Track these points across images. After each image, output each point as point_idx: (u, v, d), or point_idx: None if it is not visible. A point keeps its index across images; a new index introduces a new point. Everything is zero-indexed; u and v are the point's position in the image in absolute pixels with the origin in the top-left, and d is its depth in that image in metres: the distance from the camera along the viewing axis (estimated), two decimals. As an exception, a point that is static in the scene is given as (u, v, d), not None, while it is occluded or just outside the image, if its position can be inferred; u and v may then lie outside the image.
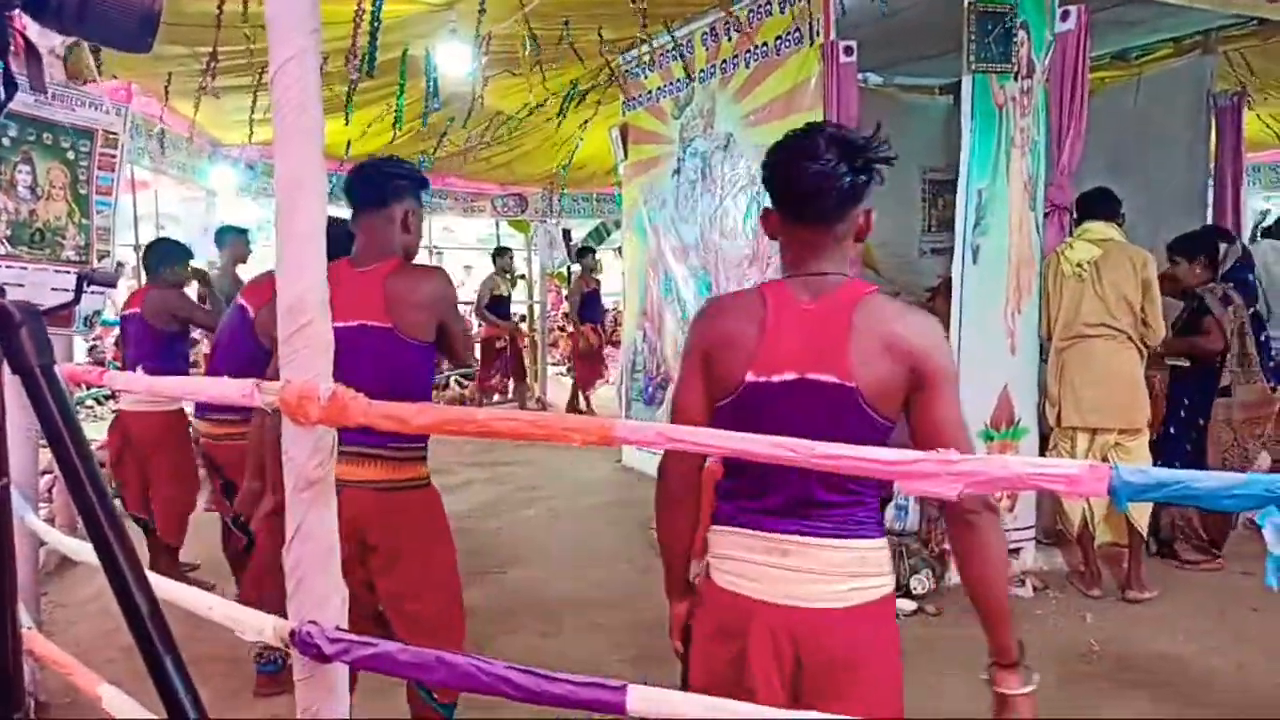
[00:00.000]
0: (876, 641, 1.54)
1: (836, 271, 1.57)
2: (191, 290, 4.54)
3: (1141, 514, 3.98)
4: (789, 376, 1.50)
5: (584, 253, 10.16)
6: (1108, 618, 3.78)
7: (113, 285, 2.37)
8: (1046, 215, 4.20)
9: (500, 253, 10.10)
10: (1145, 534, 4.05)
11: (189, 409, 3.78)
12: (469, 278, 17.01)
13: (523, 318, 10.78)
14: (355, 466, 2.23)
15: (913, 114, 6.41)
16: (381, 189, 2.36)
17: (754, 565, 1.55)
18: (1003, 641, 1.49)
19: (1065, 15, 4.12)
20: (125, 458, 3.94)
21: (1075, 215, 4.25)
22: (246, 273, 5.95)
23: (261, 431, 2.55)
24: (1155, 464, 4.00)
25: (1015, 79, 4.11)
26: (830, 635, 1.50)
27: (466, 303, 14.26)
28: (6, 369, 1.02)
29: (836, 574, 1.52)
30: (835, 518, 1.53)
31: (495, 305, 9.74)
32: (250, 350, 3.12)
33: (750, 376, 1.52)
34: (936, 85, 6.73)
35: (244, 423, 3.16)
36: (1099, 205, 4.12)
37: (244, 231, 5.59)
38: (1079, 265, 3.98)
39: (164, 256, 3.64)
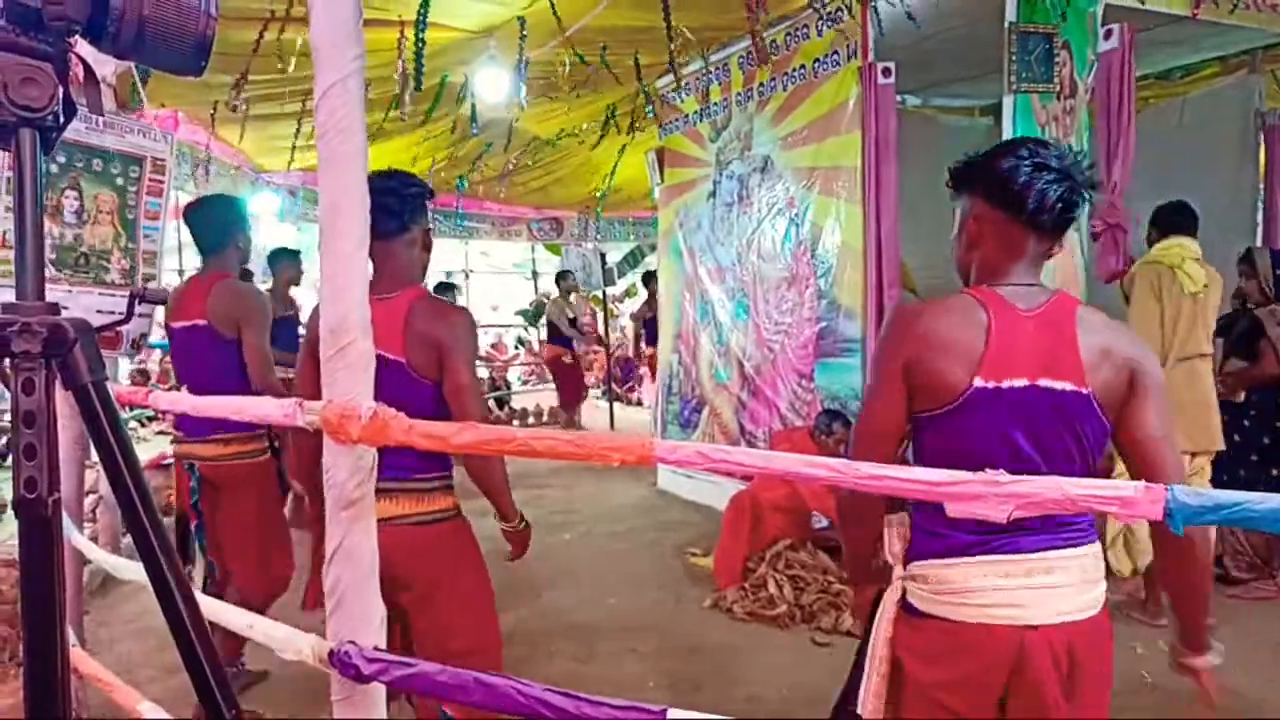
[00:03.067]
0: (1109, 628, 1.58)
1: (1040, 284, 1.59)
2: None
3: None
4: (1019, 383, 1.49)
5: (650, 277, 10.28)
6: (1160, 648, 3.66)
7: (164, 303, 2.38)
8: (1098, 234, 4.13)
9: (563, 275, 10.19)
10: (1213, 559, 3.95)
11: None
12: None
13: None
14: (383, 504, 2.09)
15: (952, 136, 6.36)
16: (399, 211, 2.18)
17: (1016, 591, 1.49)
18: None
19: (1108, 34, 4.08)
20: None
21: (1157, 227, 4.09)
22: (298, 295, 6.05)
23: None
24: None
25: (1058, 99, 4.07)
26: (1099, 641, 1.54)
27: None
28: (59, 385, 1.04)
29: (1090, 579, 1.53)
30: (1081, 523, 1.54)
31: (553, 329, 9.84)
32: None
33: (979, 382, 1.49)
34: (976, 107, 6.70)
35: (249, 440, 3.10)
36: (1185, 221, 4.02)
37: (296, 254, 5.67)
38: (1203, 288, 3.87)
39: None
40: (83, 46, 1.07)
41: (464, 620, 2.25)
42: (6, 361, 0.99)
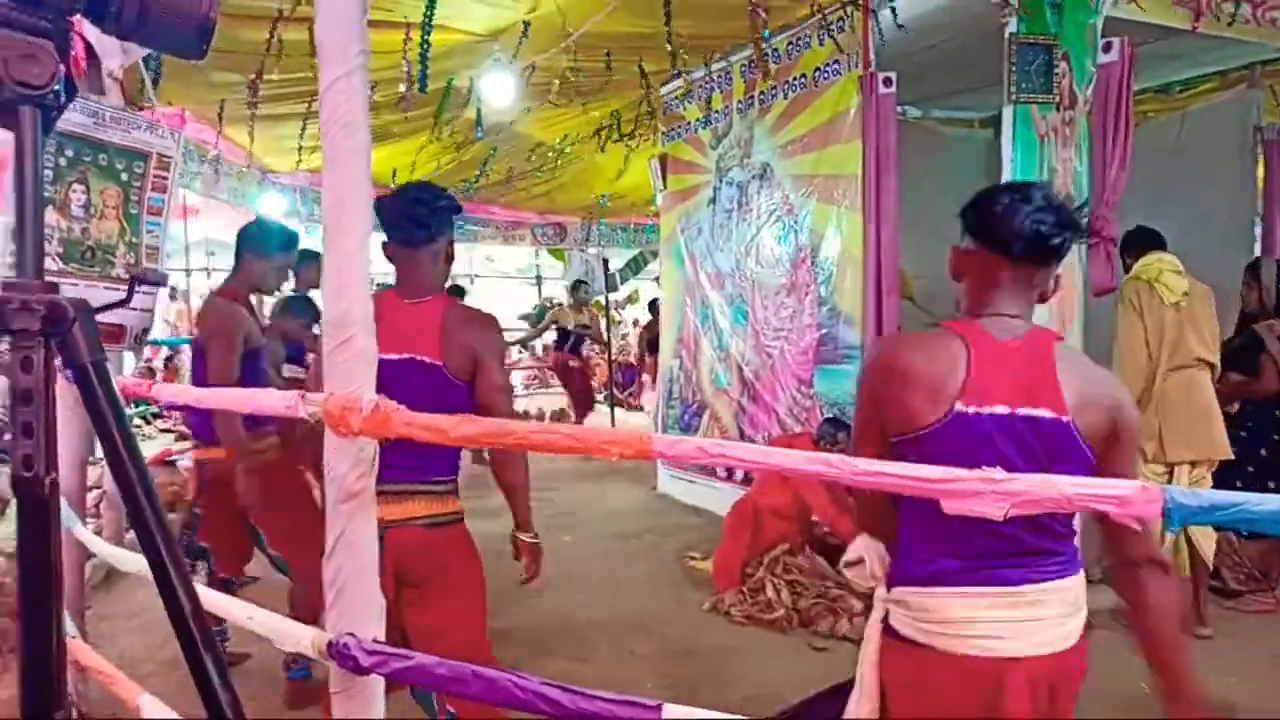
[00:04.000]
0: (1085, 666, 1.60)
1: (1023, 317, 1.61)
2: None
3: (1207, 544, 3.90)
4: (1000, 410, 1.50)
5: (656, 307, 10.38)
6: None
7: (162, 284, 2.45)
8: (1091, 246, 4.14)
9: (578, 285, 10.19)
10: (1210, 565, 3.95)
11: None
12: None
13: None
14: (398, 505, 2.21)
15: (952, 147, 6.38)
16: (428, 223, 2.29)
17: (1002, 624, 1.50)
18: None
19: (1108, 47, 4.09)
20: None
21: (1131, 252, 4.16)
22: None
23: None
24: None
25: (1057, 110, 4.08)
26: (1075, 670, 1.56)
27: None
28: (59, 364, 1.04)
29: (1072, 611, 1.55)
30: (1066, 554, 1.55)
31: (564, 336, 9.85)
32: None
33: (959, 406, 1.51)
34: (976, 119, 6.70)
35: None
36: (1152, 239, 4.10)
37: (318, 256, 5.56)
38: (1183, 295, 3.92)
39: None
40: (86, 29, 1.07)
41: (461, 618, 2.32)
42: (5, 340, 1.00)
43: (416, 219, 2.28)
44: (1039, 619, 1.51)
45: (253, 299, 3.52)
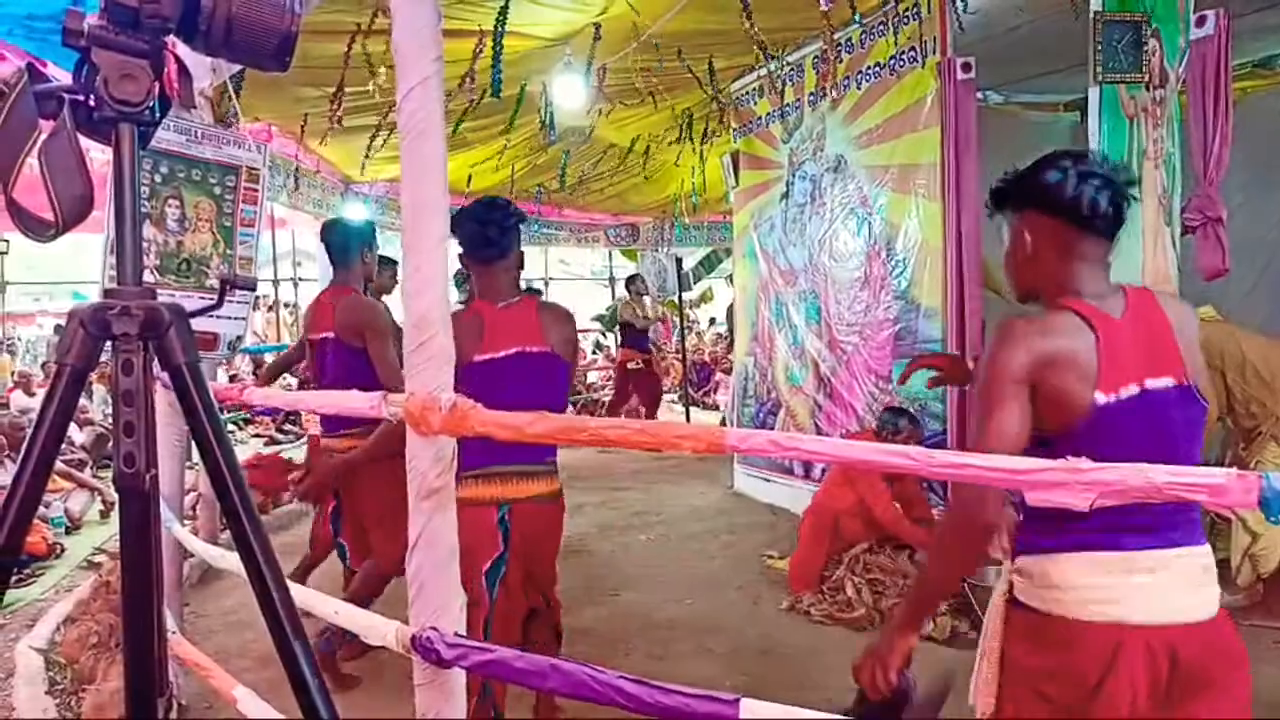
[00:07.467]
0: (1237, 645, 1.55)
1: (1110, 284, 1.62)
2: None
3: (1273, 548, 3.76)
4: (1132, 390, 1.51)
5: None
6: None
7: (253, 289, 2.54)
8: (1198, 228, 3.95)
9: (633, 279, 10.16)
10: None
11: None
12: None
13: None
14: (528, 483, 2.52)
15: (1035, 132, 6.18)
16: (499, 241, 2.53)
17: (1115, 588, 1.49)
18: None
19: (1202, 21, 3.91)
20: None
21: None
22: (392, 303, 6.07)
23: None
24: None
25: (1147, 89, 3.91)
26: (1215, 645, 1.51)
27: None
28: (156, 366, 1.09)
29: (1198, 581, 1.52)
30: (1187, 524, 1.53)
31: (626, 332, 9.84)
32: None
33: (1100, 398, 1.49)
34: (1060, 102, 6.49)
35: (367, 435, 3.31)
36: None
37: (394, 262, 5.66)
38: None
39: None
40: (179, 48, 1.12)
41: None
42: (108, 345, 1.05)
43: (489, 240, 2.53)
44: (1158, 586, 1.49)
45: None
